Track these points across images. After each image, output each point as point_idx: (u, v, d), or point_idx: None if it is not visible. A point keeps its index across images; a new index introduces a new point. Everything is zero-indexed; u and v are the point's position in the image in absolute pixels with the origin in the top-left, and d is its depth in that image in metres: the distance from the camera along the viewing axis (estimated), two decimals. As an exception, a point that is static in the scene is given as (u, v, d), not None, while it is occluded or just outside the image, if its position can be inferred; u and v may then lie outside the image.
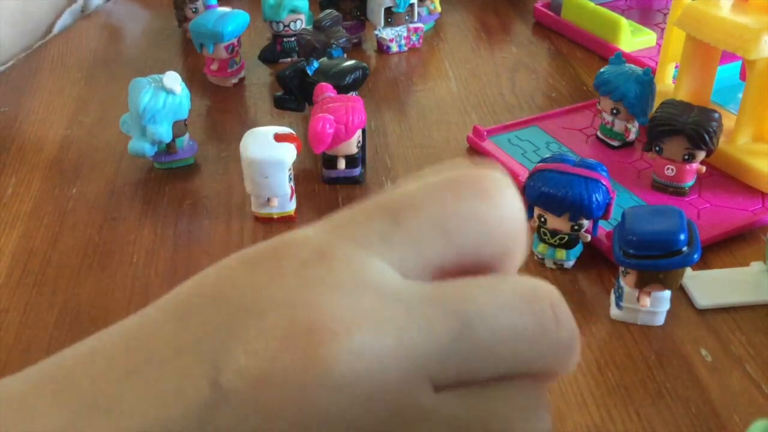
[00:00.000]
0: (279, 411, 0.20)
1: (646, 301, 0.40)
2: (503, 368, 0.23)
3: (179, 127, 0.53)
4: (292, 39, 0.67)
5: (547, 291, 0.24)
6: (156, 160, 0.54)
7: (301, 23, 0.67)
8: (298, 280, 0.22)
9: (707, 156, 0.49)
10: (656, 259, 0.38)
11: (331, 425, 0.20)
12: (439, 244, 0.24)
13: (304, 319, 0.20)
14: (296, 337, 0.20)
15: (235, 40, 0.64)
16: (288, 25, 0.67)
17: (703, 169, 0.50)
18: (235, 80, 0.66)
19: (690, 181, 0.50)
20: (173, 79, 0.51)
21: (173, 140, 0.53)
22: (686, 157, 0.49)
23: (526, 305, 0.23)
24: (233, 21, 0.62)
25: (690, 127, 0.48)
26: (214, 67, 0.65)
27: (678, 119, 0.48)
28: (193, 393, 0.20)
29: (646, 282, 0.39)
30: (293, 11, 0.67)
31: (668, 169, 0.50)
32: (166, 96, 0.50)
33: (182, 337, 0.21)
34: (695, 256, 0.38)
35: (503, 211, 0.25)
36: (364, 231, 0.24)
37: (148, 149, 0.52)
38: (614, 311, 0.42)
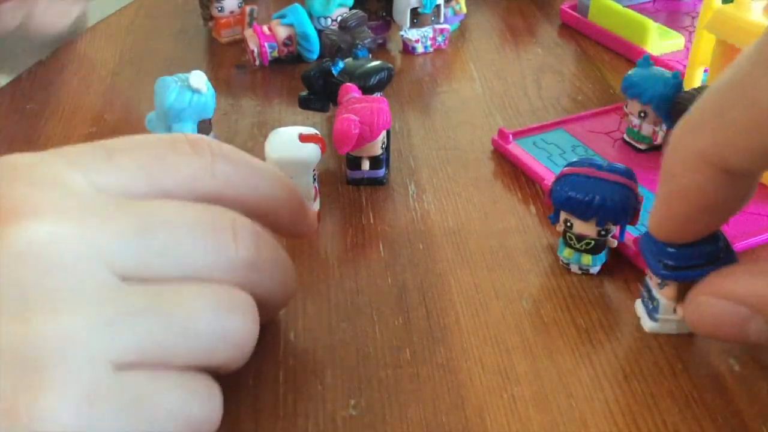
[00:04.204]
0: None
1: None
2: (182, 271, 0.28)
3: (204, 126, 0.53)
4: None
5: (228, 217, 0.31)
6: (180, 159, 0.54)
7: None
8: (3, 179, 0.27)
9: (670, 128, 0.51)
10: (699, 268, 0.37)
11: (12, 289, 0.24)
12: (141, 182, 0.31)
13: None
14: None
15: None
16: (336, 20, 0.67)
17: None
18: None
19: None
20: (199, 79, 0.51)
21: (198, 139, 0.53)
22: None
23: (207, 224, 0.30)
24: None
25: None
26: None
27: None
28: None
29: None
30: (341, 5, 0.69)
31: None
32: (192, 95, 0.50)
33: None
34: (732, 259, 0.37)
35: (202, 160, 0.32)
36: (78, 157, 0.30)
37: (173, 148, 0.52)
38: (649, 324, 0.40)
